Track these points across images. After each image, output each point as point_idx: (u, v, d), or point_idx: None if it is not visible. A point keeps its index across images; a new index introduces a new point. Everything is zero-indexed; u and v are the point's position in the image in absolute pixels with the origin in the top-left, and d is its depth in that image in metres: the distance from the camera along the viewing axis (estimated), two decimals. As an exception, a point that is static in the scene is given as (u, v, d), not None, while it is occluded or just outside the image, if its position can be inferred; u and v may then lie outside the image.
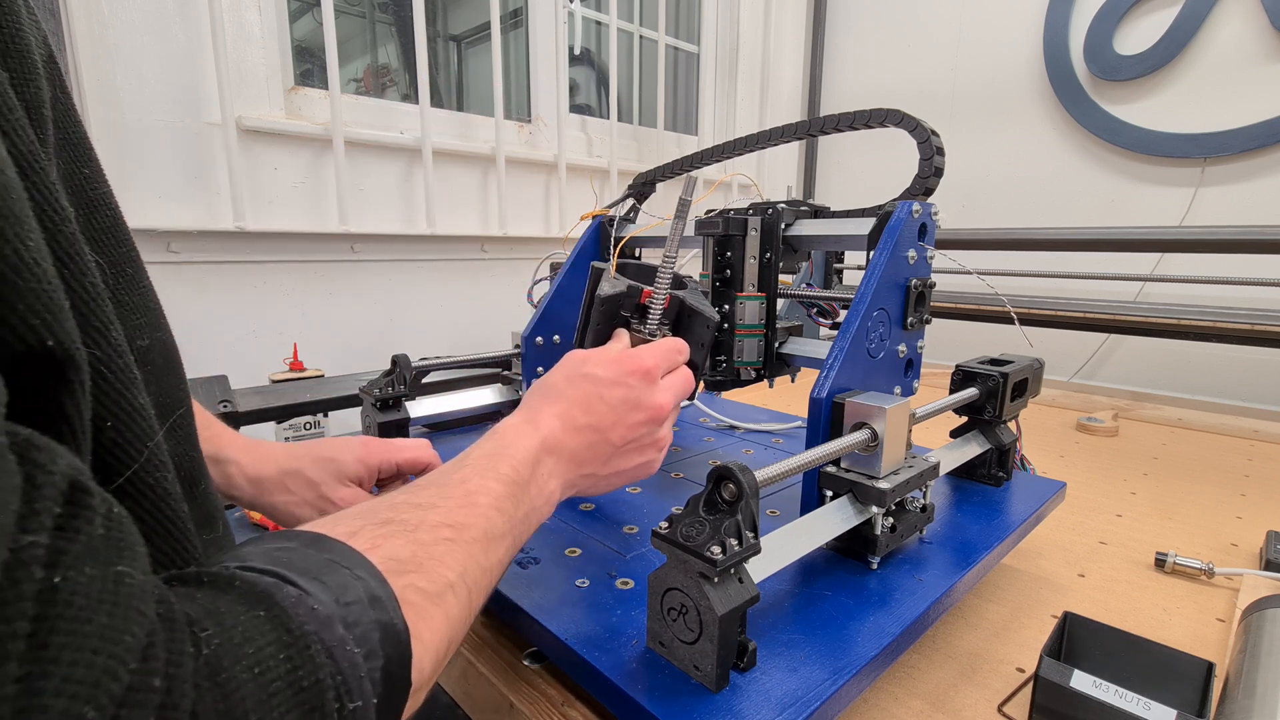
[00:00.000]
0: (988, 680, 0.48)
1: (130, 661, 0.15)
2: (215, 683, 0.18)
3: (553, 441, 0.40)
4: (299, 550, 0.24)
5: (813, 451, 0.44)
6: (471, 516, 0.33)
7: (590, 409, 0.42)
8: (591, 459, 0.41)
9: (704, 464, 0.71)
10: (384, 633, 0.24)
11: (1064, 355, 1.61)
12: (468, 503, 0.33)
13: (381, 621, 0.24)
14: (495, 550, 0.33)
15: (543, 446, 0.39)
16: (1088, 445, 1.05)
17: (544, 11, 1.52)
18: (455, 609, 0.29)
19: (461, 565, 0.30)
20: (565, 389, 0.43)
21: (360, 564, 0.25)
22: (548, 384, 0.43)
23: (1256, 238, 1.06)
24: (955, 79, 1.83)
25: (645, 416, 0.43)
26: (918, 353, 0.59)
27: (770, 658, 0.38)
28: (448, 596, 0.29)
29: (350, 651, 0.22)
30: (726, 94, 2.00)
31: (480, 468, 0.36)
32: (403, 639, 0.25)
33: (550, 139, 1.54)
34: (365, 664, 0.22)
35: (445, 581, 0.29)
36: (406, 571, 0.27)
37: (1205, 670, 0.42)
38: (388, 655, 0.23)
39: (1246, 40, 1.38)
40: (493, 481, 0.35)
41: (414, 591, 0.27)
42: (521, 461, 0.37)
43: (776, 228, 0.60)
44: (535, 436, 0.39)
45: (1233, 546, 0.70)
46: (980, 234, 1.37)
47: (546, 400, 0.42)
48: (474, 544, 0.32)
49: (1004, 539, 0.53)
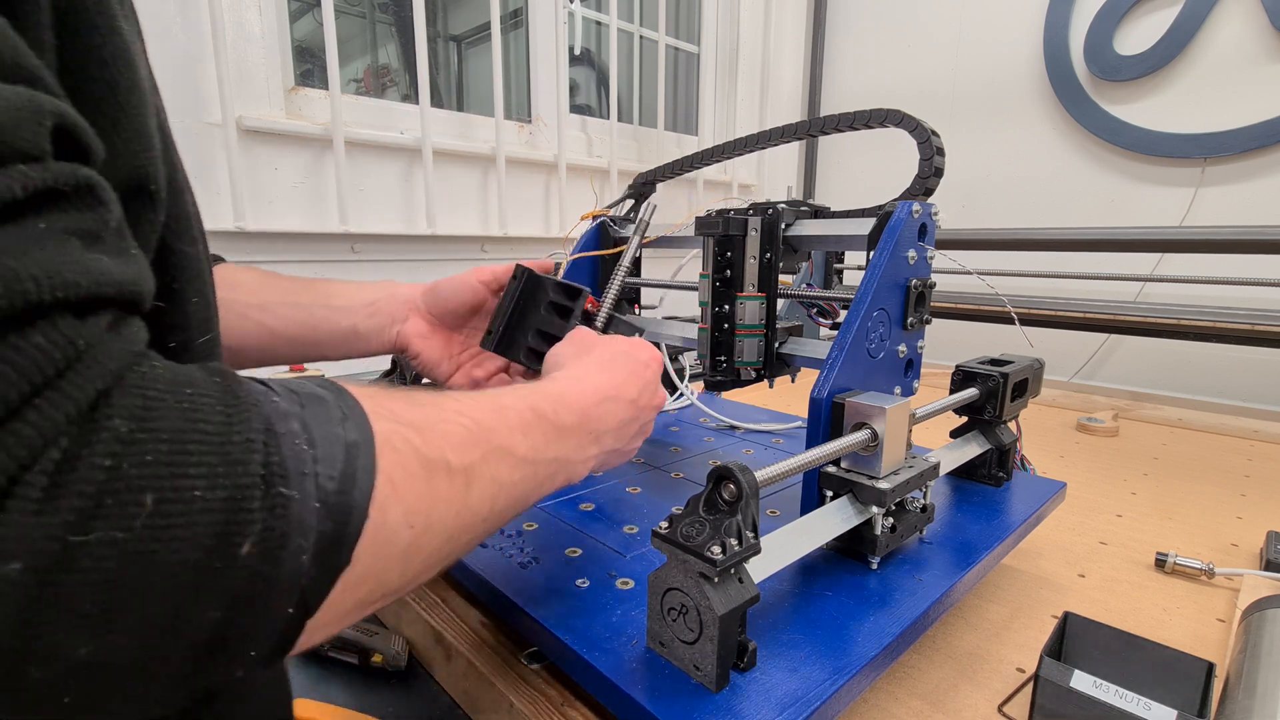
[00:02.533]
0: (988, 680, 0.48)
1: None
2: (139, 391, 0.18)
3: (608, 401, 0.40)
4: (293, 378, 0.24)
5: (813, 451, 0.44)
6: (495, 422, 0.31)
7: (637, 384, 0.43)
8: (625, 433, 0.42)
9: (704, 464, 0.71)
10: (345, 449, 0.22)
11: (1064, 355, 1.61)
12: (495, 411, 0.31)
13: (347, 440, 0.22)
14: (513, 470, 0.31)
15: (594, 405, 0.39)
16: (1088, 445, 1.05)
17: (544, 11, 1.52)
18: (446, 491, 0.27)
19: (471, 457, 0.28)
20: (612, 361, 0.44)
21: (345, 396, 0.24)
22: (584, 354, 0.45)
23: (1256, 238, 1.06)
24: (955, 79, 1.83)
25: (658, 403, 0.46)
26: (918, 353, 0.59)
27: (770, 658, 0.38)
28: (441, 473, 0.26)
29: (297, 445, 0.21)
30: (726, 94, 2.00)
31: (514, 393, 0.35)
32: (365, 464, 0.23)
33: (550, 139, 1.54)
34: (313, 466, 0.21)
35: (443, 457, 0.27)
36: (399, 422, 0.25)
37: (1205, 670, 0.42)
38: (344, 474, 0.22)
39: (1246, 40, 1.38)
40: (524, 408, 0.34)
41: (401, 439, 0.25)
42: (566, 409, 0.36)
43: (777, 228, 0.60)
44: (589, 394, 0.39)
45: (1233, 546, 0.70)
46: (980, 234, 1.37)
47: (592, 366, 0.43)
48: (492, 448, 0.30)
49: (1004, 539, 0.53)
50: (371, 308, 0.59)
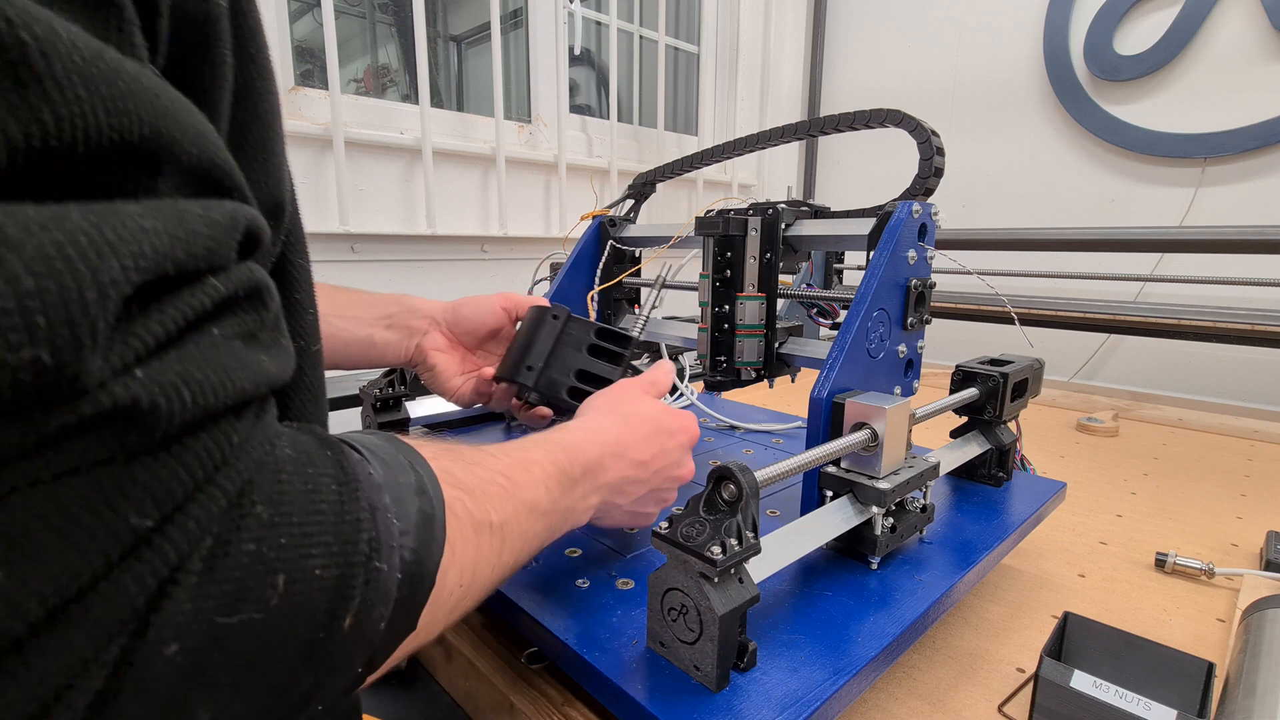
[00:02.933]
0: (988, 680, 0.48)
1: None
2: (275, 476, 0.19)
3: (610, 457, 0.41)
4: (370, 436, 0.26)
5: (813, 451, 0.44)
6: (525, 479, 0.33)
7: (650, 448, 0.44)
8: (629, 492, 0.43)
9: (704, 464, 0.71)
10: (422, 519, 0.24)
11: (1064, 355, 1.61)
12: (524, 467, 0.34)
13: (424, 510, 0.24)
14: (535, 522, 0.34)
15: (600, 458, 0.40)
16: (1088, 445, 1.05)
17: (544, 11, 1.52)
18: (488, 550, 0.29)
19: (505, 513, 0.31)
20: (634, 419, 0.44)
21: (420, 462, 0.26)
22: (618, 409, 0.45)
23: (1256, 238, 1.06)
24: (955, 79, 1.83)
25: (680, 474, 0.46)
26: (918, 353, 0.59)
27: (770, 658, 0.38)
28: (485, 532, 0.29)
29: (389, 519, 0.22)
30: (726, 94, 2.00)
31: (540, 448, 0.37)
32: (438, 535, 0.25)
33: (550, 139, 1.54)
34: (398, 538, 0.22)
35: (488, 517, 0.29)
36: (459, 488, 0.28)
37: (1205, 670, 0.42)
38: (420, 541, 0.23)
39: (1246, 40, 1.38)
40: (549, 463, 0.36)
41: (460, 505, 0.27)
42: (577, 460, 0.38)
43: (777, 228, 0.60)
44: (596, 447, 0.40)
45: (1233, 546, 0.70)
46: (980, 234, 1.37)
47: (614, 421, 0.44)
48: (521, 503, 0.32)
49: (1004, 539, 0.53)
50: (389, 320, 0.60)
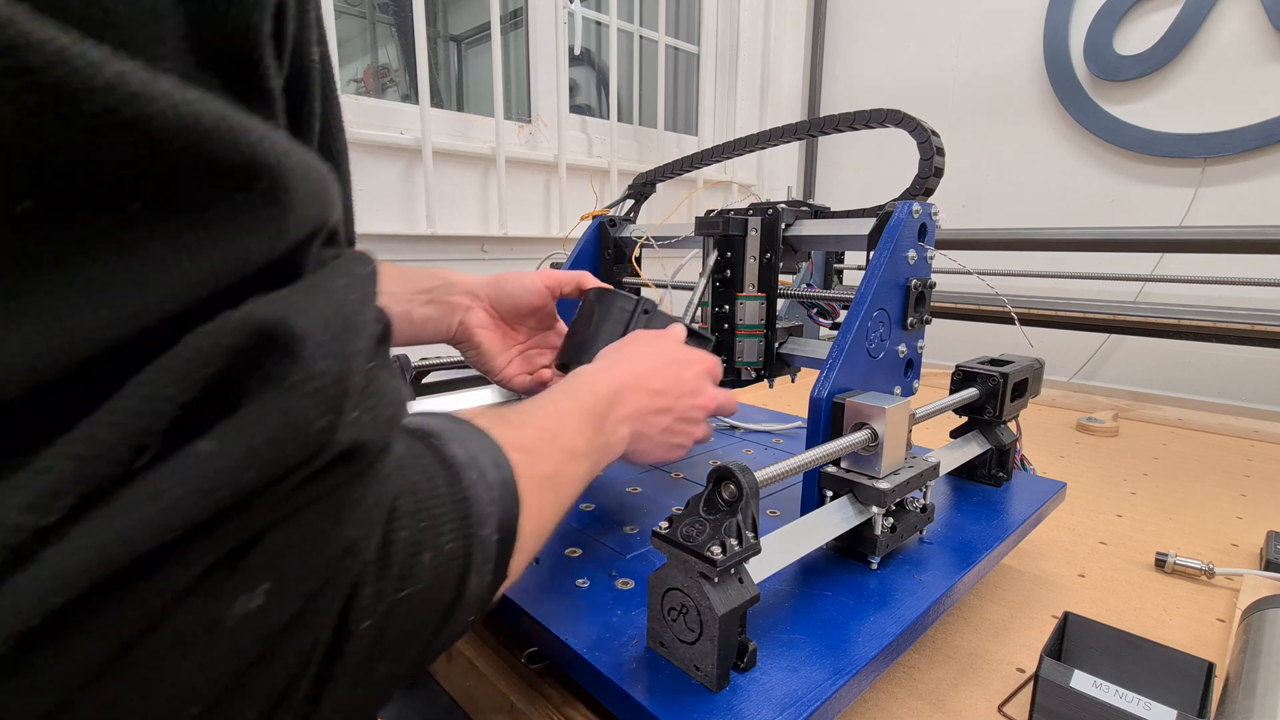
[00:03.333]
0: (988, 680, 0.48)
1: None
2: (404, 472, 0.22)
3: (628, 390, 0.43)
4: (433, 418, 0.28)
5: (813, 451, 0.44)
6: (562, 429, 0.36)
7: (664, 377, 0.46)
8: (654, 420, 0.45)
9: (704, 464, 0.71)
10: (503, 487, 0.27)
11: (1064, 355, 1.61)
12: (559, 418, 0.37)
13: (503, 479, 0.27)
14: (578, 466, 0.36)
15: (618, 391, 0.42)
16: (1088, 445, 1.05)
17: (544, 11, 1.52)
18: (548, 500, 0.32)
19: (555, 465, 0.33)
20: (645, 354, 0.47)
21: (484, 435, 0.29)
22: (626, 349, 0.48)
23: (1256, 238, 1.06)
24: (955, 79, 1.83)
25: (702, 402, 0.48)
26: (918, 353, 0.59)
27: (770, 658, 0.38)
28: (545, 486, 0.31)
29: (480, 491, 0.25)
30: (726, 94, 2.00)
31: (565, 396, 0.39)
32: (516, 497, 0.28)
33: (550, 139, 1.54)
34: (490, 506, 0.25)
35: (543, 472, 0.32)
36: (518, 449, 0.30)
37: (1205, 670, 0.42)
38: (504, 506, 0.27)
39: (1246, 40, 1.38)
40: (577, 409, 0.38)
41: (523, 466, 0.29)
42: (600, 399, 0.41)
43: (777, 228, 0.60)
44: (613, 380, 0.43)
45: (1233, 547, 0.70)
46: (980, 234, 1.37)
47: (625, 359, 0.46)
48: (564, 452, 0.35)
49: (1004, 539, 0.53)
50: (428, 294, 0.59)
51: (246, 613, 0.16)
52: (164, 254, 0.14)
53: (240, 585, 0.16)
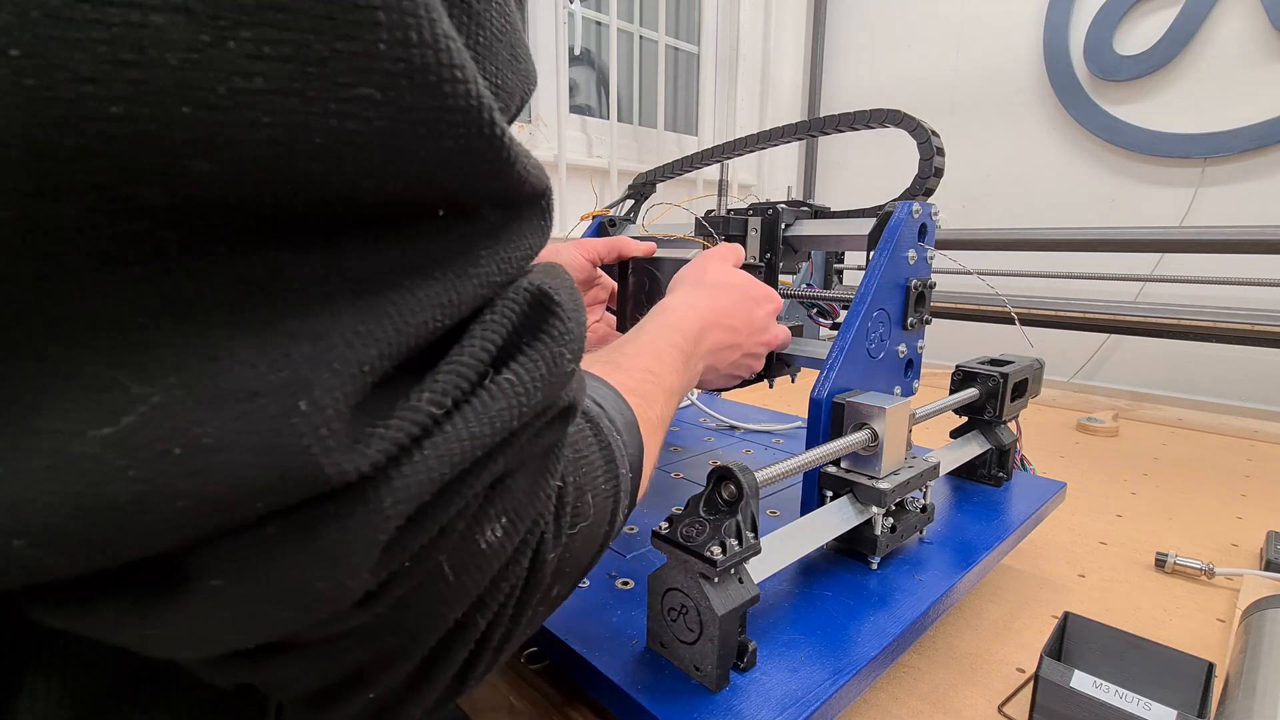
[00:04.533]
0: (988, 680, 0.48)
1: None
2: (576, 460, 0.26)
3: (709, 326, 0.46)
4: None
5: (813, 452, 0.44)
6: (661, 368, 0.38)
7: (740, 314, 0.49)
8: (724, 355, 0.48)
9: (704, 464, 0.71)
10: (629, 432, 0.30)
11: (1064, 355, 1.61)
12: (657, 358, 0.39)
13: (629, 423, 0.31)
14: (674, 403, 0.39)
15: (701, 329, 0.45)
16: (1088, 445, 1.05)
17: (544, 11, 1.52)
18: (656, 441, 0.34)
19: (662, 406, 0.36)
20: (723, 287, 0.49)
21: (605, 384, 0.32)
22: (705, 279, 0.50)
23: (1256, 238, 1.06)
24: (955, 79, 1.83)
25: (767, 339, 0.52)
26: (918, 353, 0.59)
27: (770, 658, 0.38)
28: (658, 427, 0.35)
29: (617, 435, 0.29)
30: (726, 94, 2.00)
31: (660, 335, 0.42)
32: (639, 439, 0.31)
33: (550, 139, 1.54)
34: (625, 448, 0.29)
35: (654, 413, 0.35)
36: (633, 394, 0.33)
37: (1205, 670, 0.42)
38: (633, 449, 0.30)
39: (1246, 40, 1.38)
40: (671, 348, 0.41)
41: (639, 410, 0.32)
42: (689, 336, 0.43)
43: (777, 228, 0.60)
44: (699, 318, 0.45)
45: (1233, 547, 0.70)
46: (980, 234, 1.37)
47: (706, 293, 0.48)
48: (665, 392, 0.37)
49: (1004, 539, 0.53)
50: None
51: (492, 540, 0.20)
52: (501, 247, 0.19)
53: (491, 516, 0.19)
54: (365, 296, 0.15)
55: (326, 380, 0.14)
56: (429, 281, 0.16)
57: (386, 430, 0.15)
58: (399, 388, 0.16)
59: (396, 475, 0.16)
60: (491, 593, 0.21)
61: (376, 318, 0.15)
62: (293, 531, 0.15)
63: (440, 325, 0.17)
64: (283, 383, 0.14)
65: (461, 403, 0.17)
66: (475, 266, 0.18)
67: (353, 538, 0.15)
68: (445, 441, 0.16)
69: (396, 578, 0.17)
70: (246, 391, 0.13)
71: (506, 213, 0.19)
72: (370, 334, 0.15)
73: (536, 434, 0.20)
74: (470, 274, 0.18)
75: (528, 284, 0.20)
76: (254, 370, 0.13)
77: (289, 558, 0.15)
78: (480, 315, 0.18)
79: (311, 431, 0.14)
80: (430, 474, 0.16)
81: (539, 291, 0.20)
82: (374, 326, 0.15)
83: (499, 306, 0.19)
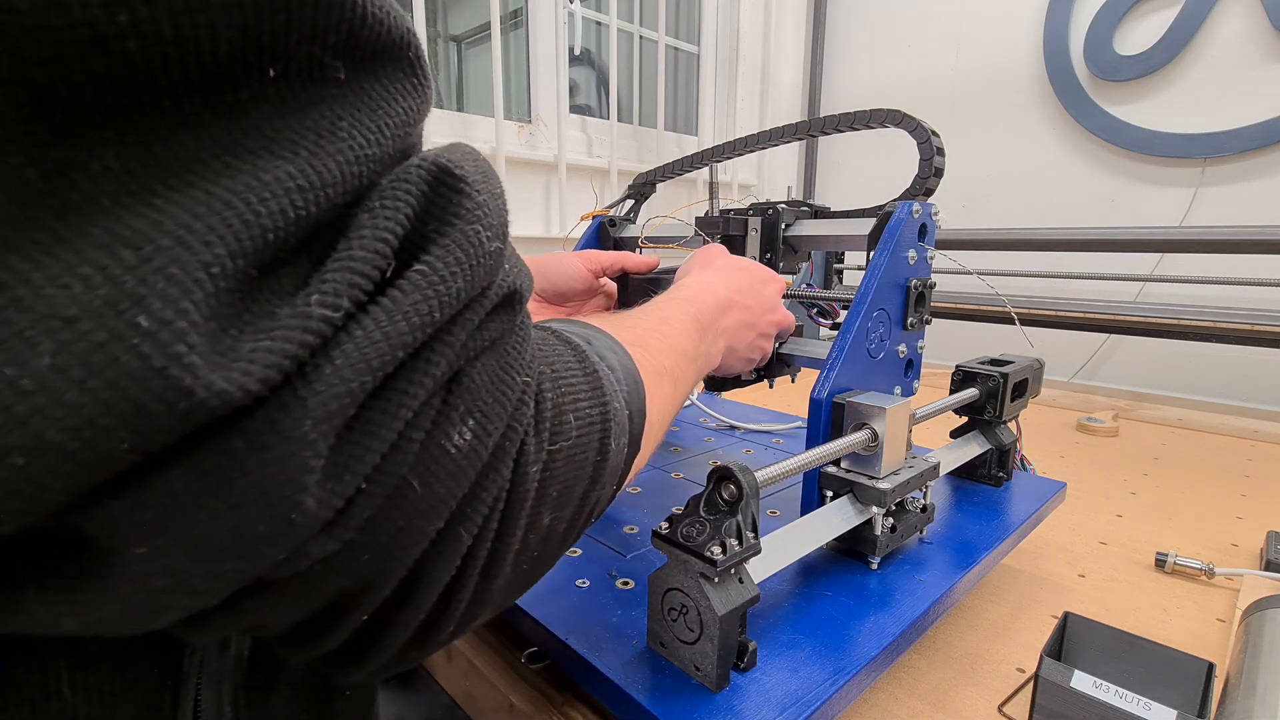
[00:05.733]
0: (988, 680, 0.48)
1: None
2: (540, 343, 0.25)
3: (726, 304, 0.46)
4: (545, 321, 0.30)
5: (813, 452, 0.44)
6: (671, 330, 0.38)
7: (752, 293, 0.49)
8: (742, 335, 0.48)
9: (704, 464, 0.71)
10: (625, 372, 0.29)
11: (1064, 355, 1.61)
12: (666, 321, 0.39)
13: (625, 365, 0.30)
14: (688, 366, 0.38)
15: (717, 306, 0.45)
16: (1088, 445, 1.05)
17: (544, 11, 1.52)
18: (667, 391, 0.34)
19: (670, 361, 0.35)
20: (734, 269, 0.50)
21: (597, 329, 0.31)
22: (716, 263, 0.50)
23: (1256, 238, 1.06)
24: (955, 79, 1.83)
25: (777, 319, 0.52)
26: (918, 353, 0.59)
27: (770, 658, 0.38)
28: (663, 377, 0.34)
29: (609, 371, 0.28)
30: (726, 94, 2.00)
31: (671, 305, 0.41)
32: (639, 380, 0.30)
33: (550, 139, 1.54)
34: (620, 387, 0.28)
35: (661, 364, 0.34)
36: (634, 344, 0.32)
37: (1206, 670, 0.42)
38: (630, 388, 0.29)
39: (1246, 40, 1.38)
40: (683, 316, 0.41)
41: (640, 358, 0.32)
42: (706, 308, 0.43)
43: (777, 228, 0.60)
44: (716, 294, 0.45)
45: (1233, 547, 0.70)
46: (980, 234, 1.37)
47: (719, 273, 0.48)
48: (676, 351, 0.37)
49: (1004, 539, 0.53)
50: None
51: (460, 444, 0.19)
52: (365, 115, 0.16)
53: (455, 419, 0.18)
54: (192, 187, 0.13)
55: (164, 290, 0.12)
56: (275, 160, 0.14)
57: (272, 342, 0.13)
58: (279, 294, 0.14)
59: (308, 392, 0.14)
60: (472, 503, 0.20)
61: (214, 210, 0.13)
62: (202, 476, 0.13)
63: (306, 212, 0.15)
64: (105, 301, 0.12)
65: (367, 303, 0.15)
66: (333, 139, 0.15)
67: (276, 470, 0.14)
68: (357, 347, 0.15)
69: (357, 500, 0.16)
70: (61, 319, 0.11)
71: (358, 67, 0.16)
72: (210, 229, 0.13)
73: (479, 326, 0.19)
74: (328, 148, 0.15)
75: (421, 161, 0.17)
76: (66, 292, 0.11)
77: (208, 506, 0.13)
78: (365, 202, 0.16)
79: (161, 350, 0.12)
80: (347, 384, 0.15)
81: (437, 168, 0.17)
82: (213, 221, 0.13)
83: (389, 191, 0.17)
